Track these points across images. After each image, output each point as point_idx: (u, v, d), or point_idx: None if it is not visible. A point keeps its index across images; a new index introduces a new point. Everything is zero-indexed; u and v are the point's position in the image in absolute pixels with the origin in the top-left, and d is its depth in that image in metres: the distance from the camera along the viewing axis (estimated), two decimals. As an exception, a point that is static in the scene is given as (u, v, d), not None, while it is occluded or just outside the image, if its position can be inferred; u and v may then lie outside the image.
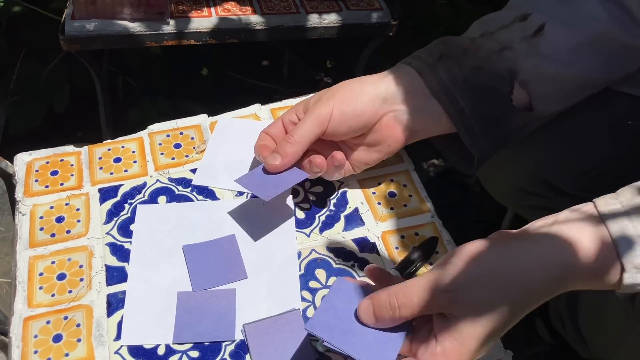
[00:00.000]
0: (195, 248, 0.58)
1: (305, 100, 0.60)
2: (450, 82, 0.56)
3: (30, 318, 0.52)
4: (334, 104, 0.57)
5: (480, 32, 0.59)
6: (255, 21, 0.96)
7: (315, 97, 0.60)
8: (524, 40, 0.57)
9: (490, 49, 0.57)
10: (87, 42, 0.91)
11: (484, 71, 0.57)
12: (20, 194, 0.61)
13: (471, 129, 0.57)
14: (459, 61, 0.57)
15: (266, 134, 0.60)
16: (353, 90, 0.58)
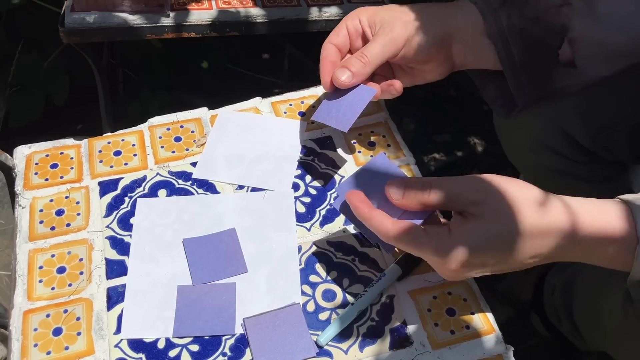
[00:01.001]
0: (195, 242, 0.57)
1: (370, 8, 0.62)
2: (508, 29, 0.58)
3: (30, 311, 0.52)
4: (409, 30, 0.58)
5: None
6: (256, 14, 0.95)
7: (384, 11, 0.60)
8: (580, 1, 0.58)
9: (551, 2, 0.59)
10: (87, 34, 0.90)
11: (540, 23, 0.58)
12: (20, 187, 0.61)
13: (519, 79, 0.60)
14: (520, 9, 0.58)
15: (332, 44, 0.61)
16: (425, 20, 0.59)
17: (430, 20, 0.59)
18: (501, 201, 0.46)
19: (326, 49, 0.61)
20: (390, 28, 0.59)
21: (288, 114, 0.70)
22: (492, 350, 0.52)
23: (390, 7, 0.62)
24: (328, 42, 0.62)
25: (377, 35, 0.59)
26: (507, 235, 0.45)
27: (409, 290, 0.55)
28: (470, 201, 0.46)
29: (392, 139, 0.68)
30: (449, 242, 0.46)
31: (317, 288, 0.55)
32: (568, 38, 0.59)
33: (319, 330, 0.52)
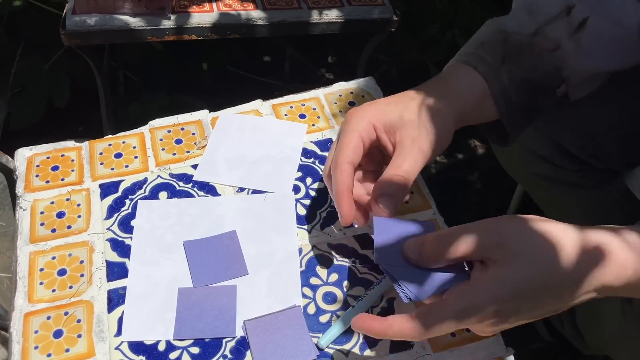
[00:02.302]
0: (196, 244, 0.57)
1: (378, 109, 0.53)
2: (510, 84, 0.57)
3: (30, 313, 0.52)
4: (430, 136, 0.52)
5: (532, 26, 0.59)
6: (257, 16, 0.95)
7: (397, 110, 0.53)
8: (570, 37, 0.58)
9: (544, 48, 0.58)
10: (88, 36, 0.91)
11: (538, 70, 0.58)
12: (20, 189, 0.61)
13: (515, 121, 0.59)
14: (518, 61, 0.58)
15: (350, 164, 0.52)
16: (440, 120, 0.53)
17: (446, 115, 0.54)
18: (525, 242, 0.42)
19: (344, 173, 0.51)
20: (418, 135, 0.52)
21: (289, 116, 0.70)
22: (493, 353, 0.52)
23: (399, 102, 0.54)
24: (345, 162, 0.51)
25: (408, 146, 0.51)
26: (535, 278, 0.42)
27: (410, 293, 0.55)
28: (489, 245, 0.43)
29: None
30: (474, 298, 0.42)
31: (318, 290, 0.55)
32: (564, 76, 0.59)
33: (319, 333, 0.52)
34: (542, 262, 0.42)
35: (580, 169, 0.73)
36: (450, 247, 0.44)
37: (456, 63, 0.59)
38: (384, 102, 0.54)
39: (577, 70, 0.59)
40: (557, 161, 0.74)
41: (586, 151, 0.71)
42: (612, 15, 0.58)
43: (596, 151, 0.71)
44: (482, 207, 1.35)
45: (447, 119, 0.54)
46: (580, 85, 0.61)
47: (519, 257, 0.42)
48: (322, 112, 0.71)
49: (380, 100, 0.55)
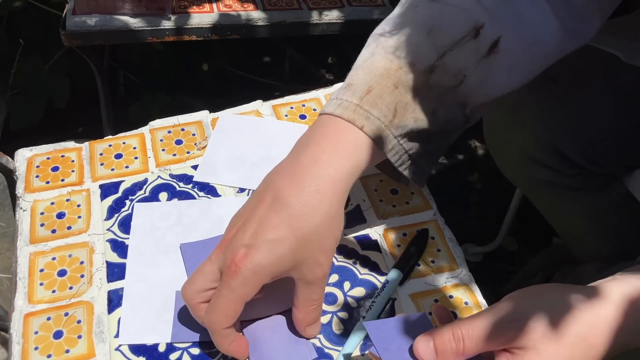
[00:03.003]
0: (192, 247, 0.57)
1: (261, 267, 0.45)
2: (403, 139, 0.51)
3: (30, 314, 0.52)
4: (327, 258, 0.48)
5: (431, 57, 0.50)
6: (257, 17, 0.95)
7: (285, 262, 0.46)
8: (478, 64, 0.50)
9: (444, 86, 0.51)
10: (88, 37, 0.91)
11: (438, 116, 0.51)
12: (20, 190, 0.61)
13: (419, 169, 0.54)
14: (413, 112, 0.50)
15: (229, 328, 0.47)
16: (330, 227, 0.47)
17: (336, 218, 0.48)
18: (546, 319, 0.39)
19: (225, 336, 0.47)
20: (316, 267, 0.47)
21: (289, 116, 0.70)
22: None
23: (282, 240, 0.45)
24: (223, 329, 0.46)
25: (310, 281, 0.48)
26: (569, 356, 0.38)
27: (411, 294, 0.55)
28: (508, 336, 0.39)
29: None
30: None
31: (318, 291, 0.55)
32: (466, 113, 0.53)
33: (320, 334, 0.52)
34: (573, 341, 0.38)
35: (580, 173, 0.73)
36: (469, 343, 0.40)
37: (339, 120, 0.49)
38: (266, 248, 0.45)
39: (481, 101, 0.53)
40: (557, 166, 0.74)
41: (586, 157, 0.71)
42: (528, 33, 0.51)
43: (596, 157, 0.71)
44: (482, 207, 1.35)
45: (337, 217, 0.48)
46: (483, 111, 0.55)
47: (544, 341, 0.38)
48: (323, 113, 0.71)
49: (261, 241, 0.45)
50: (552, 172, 0.74)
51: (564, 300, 0.40)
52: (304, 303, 0.49)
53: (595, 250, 0.81)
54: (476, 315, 0.41)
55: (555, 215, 0.85)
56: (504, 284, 1.06)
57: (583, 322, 0.39)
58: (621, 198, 0.74)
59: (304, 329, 0.50)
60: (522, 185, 0.86)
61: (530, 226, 1.22)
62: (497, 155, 0.84)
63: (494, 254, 1.20)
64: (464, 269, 0.57)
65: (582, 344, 0.39)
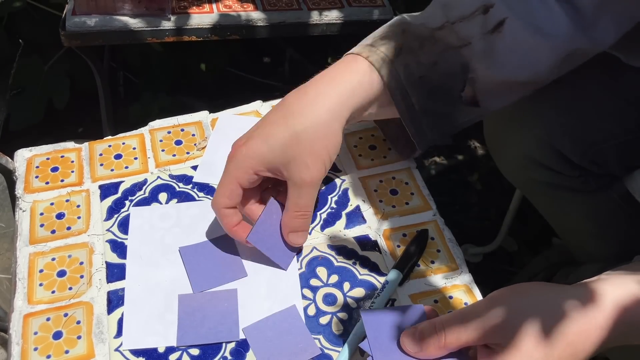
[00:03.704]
0: (191, 249, 0.57)
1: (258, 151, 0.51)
2: (406, 79, 0.54)
3: (30, 315, 0.52)
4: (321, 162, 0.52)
5: (441, 20, 0.56)
6: (257, 18, 0.95)
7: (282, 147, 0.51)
8: (483, 37, 0.54)
9: (448, 44, 0.55)
10: (88, 37, 0.91)
11: (439, 68, 0.55)
12: (20, 190, 0.61)
13: (419, 126, 0.56)
14: (417, 56, 0.54)
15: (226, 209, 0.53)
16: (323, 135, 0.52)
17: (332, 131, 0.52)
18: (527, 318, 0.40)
19: (225, 218, 0.53)
20: (305, 169, 0.51)
21: (289, 117, 0.70)
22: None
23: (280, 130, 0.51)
24: (222, 208, 0.53)
25: (297, 184, 0.51)
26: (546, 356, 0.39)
27: (410, 294, 0.55)
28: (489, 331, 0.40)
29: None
30: None
31: (318, 292, 0.55)
32: (469, 78, 0.55)
33: (319, 334, 0.52)
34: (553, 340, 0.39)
35: (581, 175, 0.73)
36: (451, 336, 0.41)
37: (347, 55, 0.56)
38: (261, 136, 0.51)
39: (484, 75, 0.55)
40: (557, 168, 0.73)
41: (586, 158, 0.71)
42: (532, 21, 0.54)
43: (596, 158, 0.71)
44: (482, 208, 1.35)
45: (337, 128, 0.52)
46: (491, 93, 0.57)
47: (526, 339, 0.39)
48: (322, 113, 0.71)
49: (259, 132, 0.52)
50: (552, 174, 0.74)
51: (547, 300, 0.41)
52: (290, 206, 0.53)
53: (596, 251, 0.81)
54: (460, 311, 0.42)
55: (556, 217, 0.85)
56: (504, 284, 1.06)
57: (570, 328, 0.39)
58: (621, 199, 0.74)
59: (287, 234, 0.54)
60: (522, 187, 0.85)
61: (530, 226, 1.22)
62: (497, 156, 0.84)
63: (493, 255, 1.19)
64: (463, 270, 0.57)
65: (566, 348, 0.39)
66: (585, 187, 0.75)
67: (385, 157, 0.66)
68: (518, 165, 0.78)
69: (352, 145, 0.67)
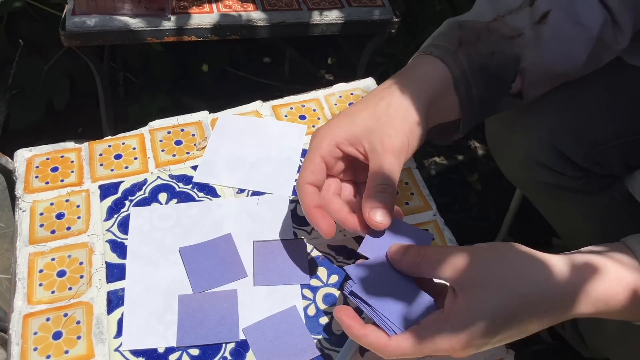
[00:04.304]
0: (191, 250, 0.57)
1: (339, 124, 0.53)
2: (470, 70, 0.56)
3: (30, 315, 0.52)
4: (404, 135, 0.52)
5: (492, 14, 0.59)
6: (257, 18, 0.95)
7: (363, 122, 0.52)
8: (532, 27, 0.58)
9: (503, 34, 0.58)
10: (87, 37, 0.91)
11: (496, 58, 0.57)
12: (20, 190, 0.61)
13: (473, 115, 0.58)
14: (475, 47, 0.57)
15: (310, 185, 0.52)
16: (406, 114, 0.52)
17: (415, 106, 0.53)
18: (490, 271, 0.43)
19: (306, 195, 0.51)
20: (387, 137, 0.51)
21: (289, 117, 0.70)
22: (493, 354, 0.52)
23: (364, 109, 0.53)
24: (305, 184, 0.52)
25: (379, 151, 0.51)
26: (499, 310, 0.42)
27: (410, 294, 0.55)
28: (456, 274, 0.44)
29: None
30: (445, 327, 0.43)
31: (318, 292, 0.55)
32: (520, 68, 0.58)
33: (319, 335, 0.52)
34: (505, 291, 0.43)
35: (583, 175, 0.73)
36: (426, 263, 0.45)
37: (416, 56, 0.58)
38: (347, 115, 0.53)
39: (534, 64, 0.58)
40: (560, 169, 0.74)
41: (588, 159, 0.71)
42: (573, 12, 0.58)
43: (598, 158, 0.71)
44: (482, 208, 1.35)
45: (416, 110, 0.53)
46: (534, 84, 0.60)
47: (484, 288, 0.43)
48: (322, 113, 0.71)
49: (346, 112, 0.54)
50: (554, 174, 0.74)
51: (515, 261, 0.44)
52: (370, 176, 0.50)
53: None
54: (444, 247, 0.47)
55: (557, 217, 0.85)
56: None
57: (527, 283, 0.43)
58: (623, 199, 0.74)
59: (368, 211, 0.48)
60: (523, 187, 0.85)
61: (530, 226, 1.22)
62: (499, 157, 0.84)
63: (493, 255, 1.19)
64: (463, 270, 0.57)
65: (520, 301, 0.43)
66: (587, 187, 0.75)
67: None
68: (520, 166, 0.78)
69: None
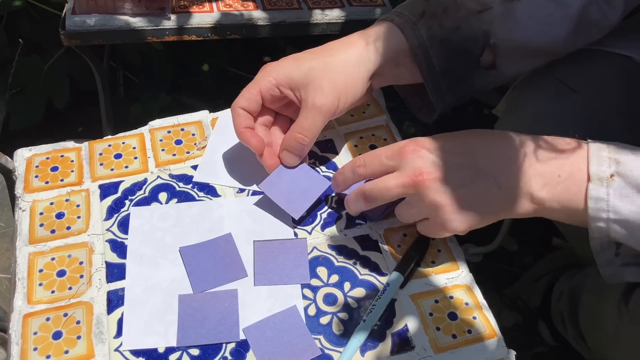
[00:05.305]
0: (192, 250, 0.57)
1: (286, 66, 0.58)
2: (429, 41, 0.58)
3: (29, 315, 0.52)
4: (336, 94, 0.57)
5: None
6: (257, 17, 0.95)
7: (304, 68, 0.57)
8: (503, 2, 0.59)
9: (470, 9, 0.59)
10: (87, 37, 0.90)
11: (461, 32, 0.59)
12: (20, 190, 0.61)
13: (439, 87, 0.60)
14: (439, 20, 0.59)
15: (242, 109, 0.58)
16: (347, 72, 0.57)
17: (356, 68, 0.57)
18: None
19: (238, 117, 0.58)
20: (318, 95, 0.56)
21: (289, 117, 0.70)
22: (494, 355, 0.52)
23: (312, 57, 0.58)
24: (238, 107, 0.58)
25: (308, 106, 0.57)
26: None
27: (411, 294, 0.55)
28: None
29: (393, 142, 0.68)
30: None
31: (319, 292, 0.55)
32: (490, 43, 0.59)
33: (320, 335, 0.52)
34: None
35: None
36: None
37: (379, 20, 0.61)
38: (296, 59, 0.58)
39: (505, 39, 0.59)
40: None
41: None
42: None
43: None
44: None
45: (357, 71, 0.57)
46: (510, 58, 0.61)
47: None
48: (323, 113, 0.71)
49: (297, 55, 0.58)
50: None
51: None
52: (294, 126, 0.57)
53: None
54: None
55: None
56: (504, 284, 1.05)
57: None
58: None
59: (282, 150, 0.59)
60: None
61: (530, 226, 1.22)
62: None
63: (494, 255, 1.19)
64: (464, 270, 0.57)
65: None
66: None
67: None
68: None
69: (352, 145, 0.67)
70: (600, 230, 0.48)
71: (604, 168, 0.48)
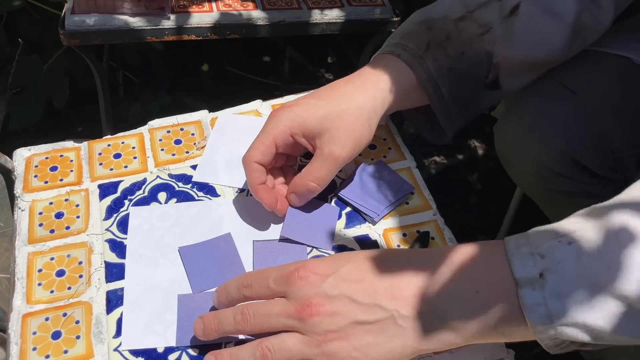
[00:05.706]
0: (191, 249, 0.57)
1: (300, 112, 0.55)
2: (436, 73, 0.58)
3: (29, 315, 0.52)
4: (353, 144, 0.55)
5: (461, 11, 0.60)
6: (257, 17, 0.95)
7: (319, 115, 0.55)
8: (502, 21, 0.59)
9: (472, 33, 0.59)
10: (87, 36, 0.90)
11: (466, 57, 0.59)
12: (19, 190, 0.61)
13: (449, 114, 0.61)
14: (444, 49, 0.59)
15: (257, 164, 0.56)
16: (362, 121, 0.56)
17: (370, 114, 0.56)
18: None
19: (253, 173, 0.56)
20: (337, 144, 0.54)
21: (289, 116, 0.70)
22: (494, 355, 0.52)
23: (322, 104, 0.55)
24: (252, 162, 0.56)
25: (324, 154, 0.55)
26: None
27: (410, 294, 0.55)
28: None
29: (392, 141, 0.68)
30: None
31: (318, 292, 0.55)
32: (493, 63, 0.60)
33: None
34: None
35: (600, 181, 0.73)
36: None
37: (380, 54, 0.60)
38: (308, 104, 0.55)
39: (507, 57, 0.60)
40: (577, 177, 0.73)
41: (606, 166, 0.71)
42: (543, 3, 0.59)
43: (615, 165, 0.71)
44: (482, 207, 1.35)
45: (370, 119, 0.56)
46: (512, 74, 0.61)
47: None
48: (322, 113, 0.71)
49: (308, 100, 0.56)
50: (570, 182, 0.74)
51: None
52: (307, 173, 0.56)
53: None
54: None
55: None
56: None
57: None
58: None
59: (290, 193, 0.57)
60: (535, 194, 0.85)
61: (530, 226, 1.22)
62: (509, 165, 0.83)
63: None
64: (464, 270, 0.57)
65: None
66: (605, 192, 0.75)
67: (385, 156, 0.66)
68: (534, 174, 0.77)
69: (352, 145, 0.67)
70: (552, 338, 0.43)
71: (529, 268, 0.42)
